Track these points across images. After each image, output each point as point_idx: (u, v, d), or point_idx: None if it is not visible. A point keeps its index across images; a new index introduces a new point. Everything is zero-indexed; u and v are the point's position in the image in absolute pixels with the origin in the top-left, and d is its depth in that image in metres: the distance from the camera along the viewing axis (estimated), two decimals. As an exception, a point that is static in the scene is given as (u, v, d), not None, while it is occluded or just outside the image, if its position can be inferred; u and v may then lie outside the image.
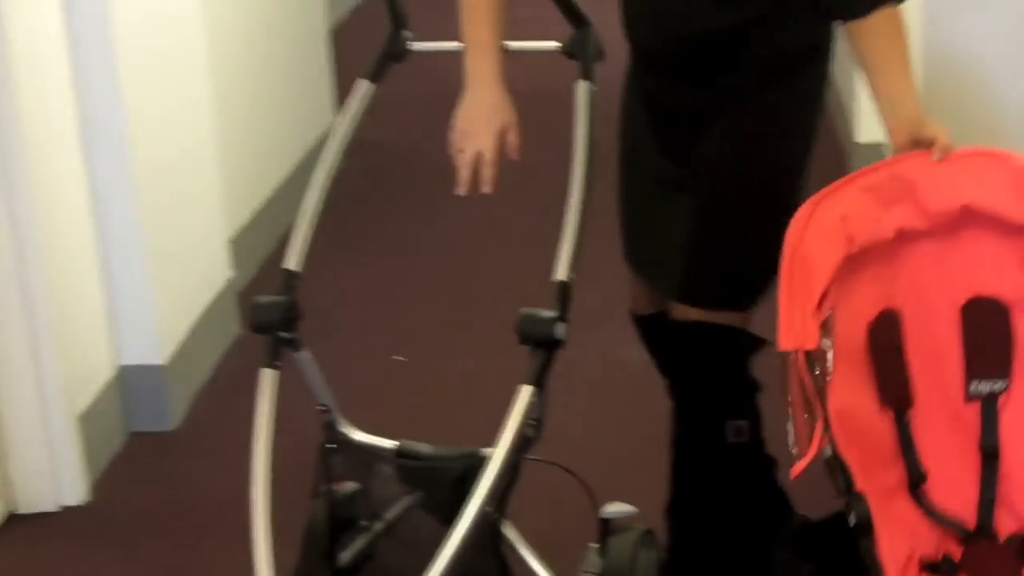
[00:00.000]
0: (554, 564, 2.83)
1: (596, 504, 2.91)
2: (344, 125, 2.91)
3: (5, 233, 3.41)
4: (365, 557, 2.92)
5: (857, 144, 5.15)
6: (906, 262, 2.43)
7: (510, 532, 2.77)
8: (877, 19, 2.54)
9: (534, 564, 2.80)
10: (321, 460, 2.88)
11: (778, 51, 2.68)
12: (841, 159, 5.38)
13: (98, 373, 3.81)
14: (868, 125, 4.98)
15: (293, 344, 2.80)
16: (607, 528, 2.89)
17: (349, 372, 4.03)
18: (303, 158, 5.66)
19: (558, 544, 3.17)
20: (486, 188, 2.71)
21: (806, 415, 2.32)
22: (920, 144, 2.48)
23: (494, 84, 2.73)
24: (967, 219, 2.40)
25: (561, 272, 2.68)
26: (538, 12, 3.14)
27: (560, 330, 2.61)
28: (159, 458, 3.83)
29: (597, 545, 2.91)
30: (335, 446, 2.90)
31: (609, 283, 3.29)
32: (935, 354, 2.41)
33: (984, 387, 2.39)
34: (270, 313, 2.74)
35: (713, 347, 2.79)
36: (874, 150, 4.90)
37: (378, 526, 2.87)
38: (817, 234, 2.39)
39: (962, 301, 2.40)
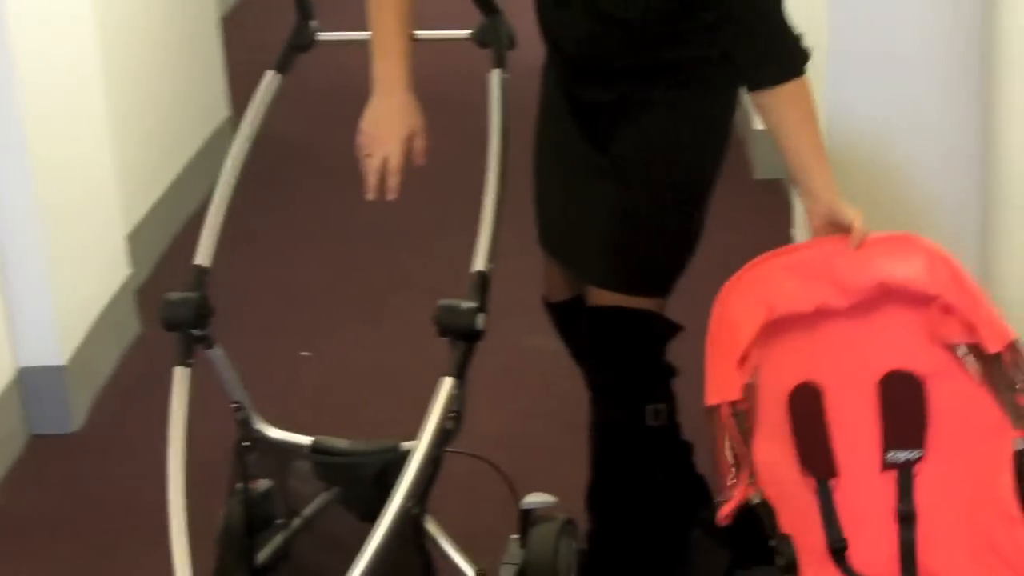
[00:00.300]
0: (474, 556, 2.82)
1: (516, 495, 2.89)
2: (252, 117, 2.86)
3: None
4: (282, 555, 2.89)
5: (754, 131, 5.18)
6: (825, 337, 2.56)
7: (431, 526, 2.75)
8: (784, 91, 2.60)
9: (456, 557, 2.78)
10: (236, 458, 2.84)
11: (690, 58, 2.71)
12: (739, 145, 5.41)
13: (-3, 376, 3.74)
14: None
15: (205, 341, 2.75)
16: (528, 519, 2.87)
17: (255, 369, 3.96)
18: (198, 152, 5.59)
19: (476, 536, 3.16)
20: (391, 196, 2.72)
21: (733, 467, 2.44)
22: (837, 229, 2.59)
23: (401, 90, 2.72)
24: (882, 296, 2.55)
25: (479, 262, 2.67)
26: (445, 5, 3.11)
27: (480, 321, 2.59)
28: (62, 461, 3.76)
29: (518, 536, 2.90)
30: (250, 444, 2.86)
31: (516, 272, 3.27)
32: (854, 426, 2.53)
33: (900, 456, 2.52)
34: (182, 310, 2.69)
35: (632, 331, 2.81)
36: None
37: (296, 523, 2.84)
38: (740, 301, 2.55)
39: (879, 375, 2.52)
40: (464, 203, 5.33)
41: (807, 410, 2.50)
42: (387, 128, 2.70)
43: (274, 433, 2.90)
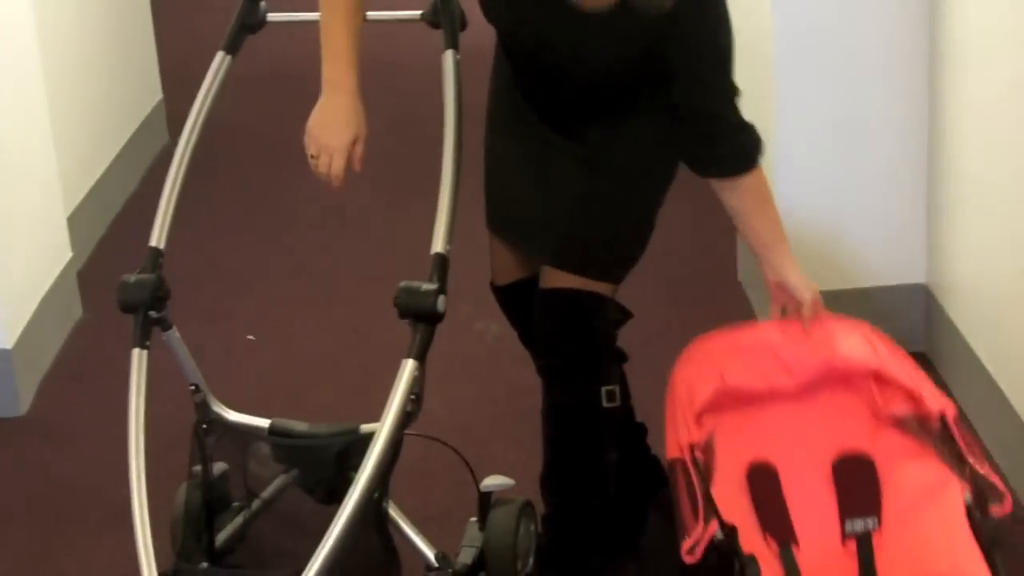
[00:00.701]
0: (432, 539, 2.83)
1: (476, 478, 2.91)
2: (203, 98, 2.86)
3: None
4: (239, 538, 2.89)
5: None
6: (777, 417, 2.66)
7: (392, 510, 2.76)
8: (739, 181, 2.70)
9: (416, 540, 2.79)
10: (195, 440, 2.84)
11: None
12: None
13: (-56, 359, 3.71)
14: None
15: (162, 323, 2.75)
16: (487, 501, 2.89)
17: (201, 353, 3.95)
18: (132, 135, 5.56)
19: (432, 519, 3.18)
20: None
21: (696, 520, 2.50)
22: (796, 307, 2.75)
23: (348, 93, 2.70)
24: (828, 377, 2.67)
25: (438, 244, 2.65)
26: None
27: (441, 303, 2.59)
28: (8, 445, 3.73)
29: (477, 519, 2.91)
30: (208, 426, 2.86)
31: (464, 256, 3.26)
32: (811, 502, 2.61)
33: (859, 525, 2.60)
34: (139, 292, 2.69)
35: (588, 314, 2.83)
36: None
37: (255, 505, 2.84)
38: (695, 366, 2.73)
39: (832, 457, 2.62)
40: (412, 187, 5.39)
41: (764, 487, 2.59)
42: (333, 132, 2.70)
43: (232, 416, 2.91)
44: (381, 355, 4.11)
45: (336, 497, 2.71)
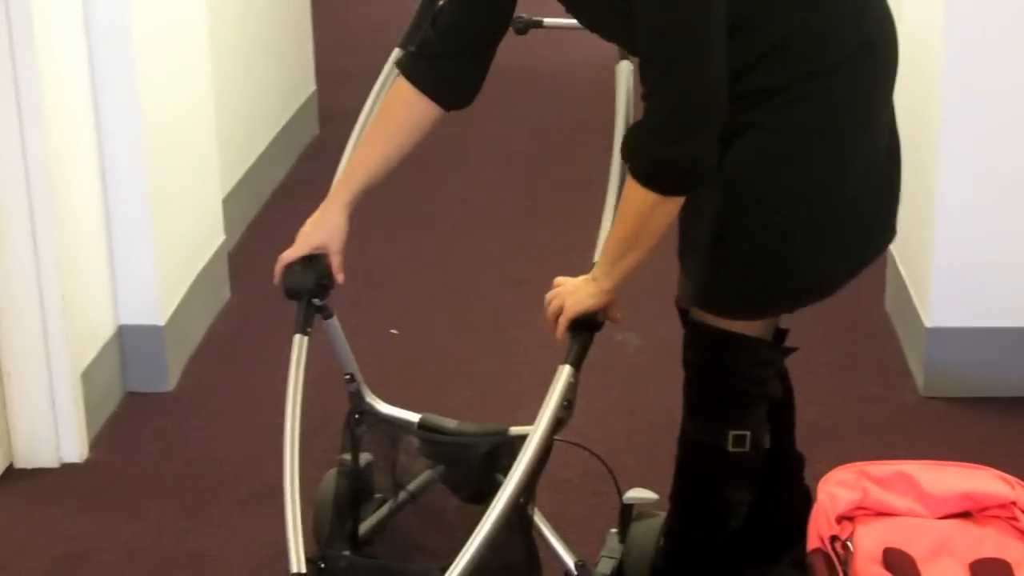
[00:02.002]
0: (567, 546, 2.83)
1: (620, 489, 2.92)
2: (379, 90, 2.90)
3: (19, 190, 3.39)
4: (380, 529, 2.92)
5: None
6: (916, 526, 2.65)
7: (536, 515, 2.77)
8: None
9: (558, 547, 2.79)
10: (347, 429, 2.88)
11: (768, 86, 2.54)
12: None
13: (99, 332, 3.79)
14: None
15: (323, 311, 2.78)
16: (629, 513, 2.90)
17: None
18: (287, 123, 5.65)
19: (569, 527, 3.20)
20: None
21: None
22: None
23: (333, 206, 2.78)
24: (965, 504, 2.67)
25: (600, 252, 2.65)
26: None
27: (603, 312, 2.60)
28: (156, 419, 3.81)
29: (617, 530, 2.93)
30: (360, 416, 2.89)
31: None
32: None
33: None
34: (304, 279, 2.73)
35: (724, 354, 2.70)
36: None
37: (401, 497, 2.87)
38: (837, 484, 2.70)
39: (969, 560, 2.59)
40: (555, 193, 5.42)
41: (902, 568, 2.57)
42: (302, 235, 2.76)
43: (384, 407, 2.93)
44: (520, 358, 4.15)
45: (480, 497, 2.74)
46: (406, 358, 4.17)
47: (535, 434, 2.50)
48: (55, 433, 3.55)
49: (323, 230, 2.75)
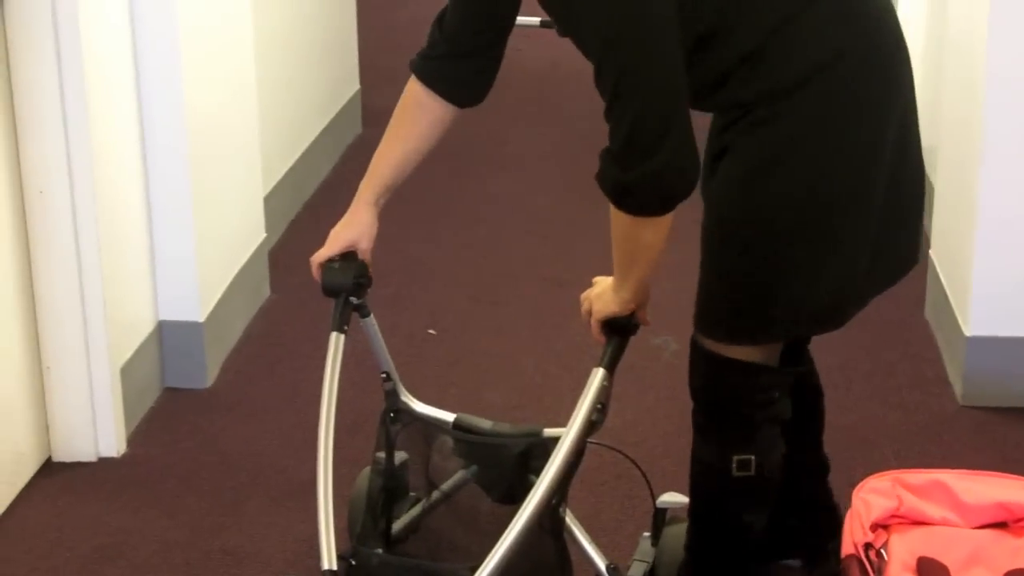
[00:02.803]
0: (598, 549, 2.84)
1: (653, 493, 2.92)
2: None
3: (62, 186, 3.41)
4: (413, 528, 2.93)
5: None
6: (950, 536, 2.65)
7: (568, 516, 2.77)
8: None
9: (590, 549, 2.80)
10: (382, 428, 2.89)
11: (737, 101, 2.49)
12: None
13: (139, 327, 3.81)
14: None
15: (361, 310, 2.80)
16: (662, 518, 2.90)
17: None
18: (330, 123, 5.67)
19: (601, 529, 3.21)
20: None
21: None
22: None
23: (361, 204, 2.81)
24: (1000, 515, 2.67)
25: None
26: None
27: (637, 315, 2.61)
28: (194, 415, 3.83)
29: (650, 534, 2.93)
30: (395, 415, 2.90)
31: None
32: None
33: None
34: (342, 277, 2.75)
35: (722, 378, 2.66)
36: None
37: (435, 496, 2.87)
38: (873, 491, 2.70)
39: (1003, 571, 2.57)
40: (598, 194, 5.40)
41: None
42: (333, 234, 2.80)
43: (418, 406, 2.95)
44: (557, 359, 4.15)
45: (513, 498, 2.75)
46: (443, 358, 4.18)
47: (567, 436, 2.51)
48: (93, 427, 3.57)
49: (352, 229, 2.79)
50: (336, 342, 2.71)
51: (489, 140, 6.08)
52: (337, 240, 2.78)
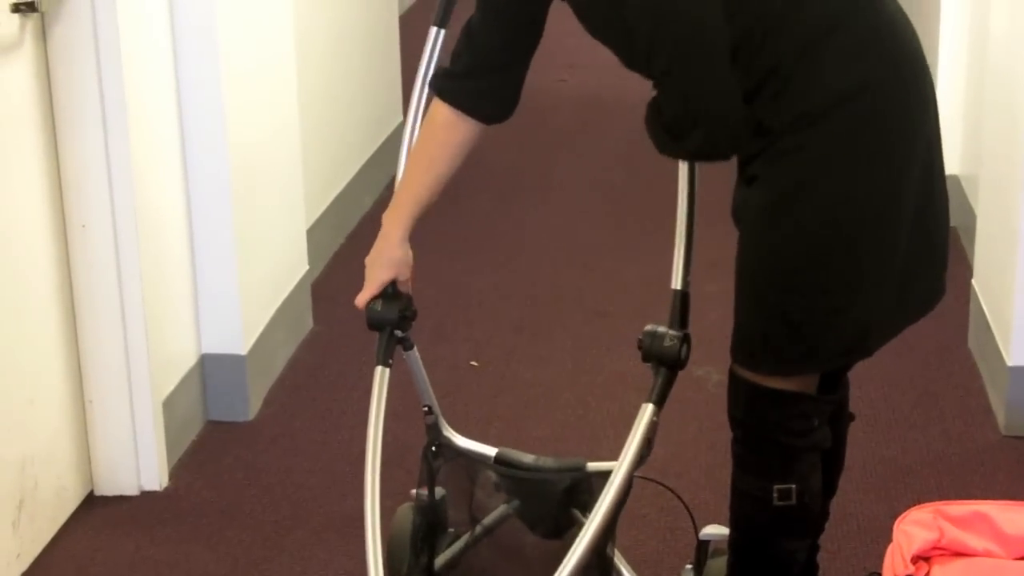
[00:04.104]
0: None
1: (696, 525, 2.91)
2: (424, 71, 2.85)
3: (104, 218, 3.44)
4: (454, 563, 2.93)
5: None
6: (993, 567, 2.64)
7: (615, 553, 2.76)
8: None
9: None
10: (424, 461, 2.88)
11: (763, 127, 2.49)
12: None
13: (182, 360, 3.83)
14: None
15: (405, 343, 2.80)
16: (705, 550, 2.89)
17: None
18: (373, 155, 5.69)
19: (643, 562, 3.20)
20: None
21: None
22: None
23: (392, 245, 2.77)
24: None
25: (677, 280, 2.64)
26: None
27: (686, 351, 2.59)
28: (236, 448, 3.84)
29: (692, 566, 2.92)
30: (437, 449, 2.90)
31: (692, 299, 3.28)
32: None
33: None
34: (389, 311, 2.74)
35: (762, 410, 2.65)
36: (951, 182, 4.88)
37: (477, 532, 2.87)
38: (914, 523, 2.70)
39: None
40: (641, 224, 5.42)
41: None
42: (371, 271, 2.79)
43: (461, 441, 2.94)
44: (599, 391, 4.15)
45: (557, 533, 2.75)
46: (485, 389, 4.18)
47: (617, 474, 2.50)
48: (136, 461, 3.59)
49: (390, 269, 2.77)
50: (381, 376, 2.70)
51: (533, 170, 6.09)
52: (378, 281, 2.76)
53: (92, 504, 3.58)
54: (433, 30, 2.84)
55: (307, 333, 4.49)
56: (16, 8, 3.19)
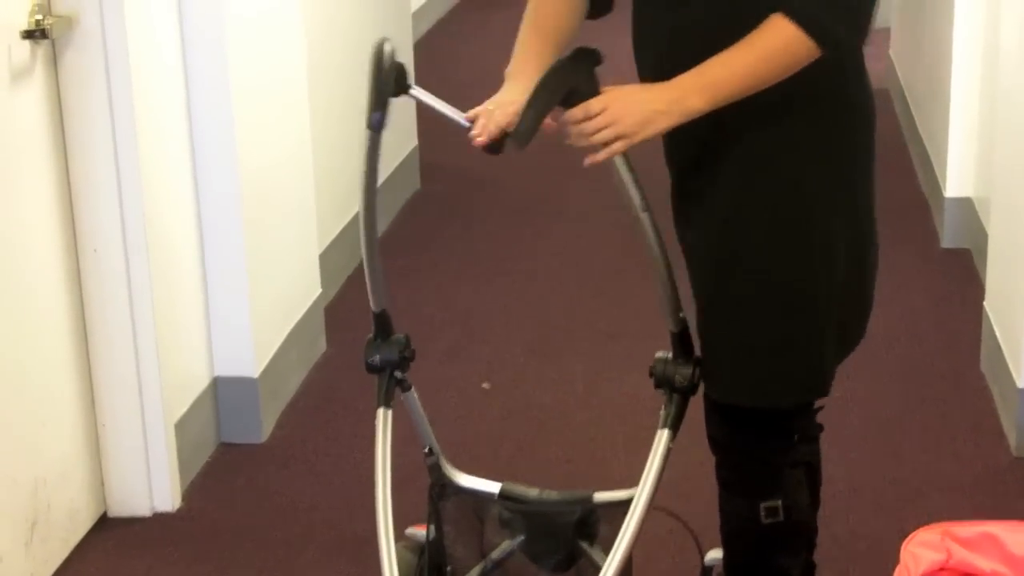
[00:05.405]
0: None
1: (701, 549, 2.91)
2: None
3: (116, 242, 3.46)
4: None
5: (946, 199, 5.11)
6: None
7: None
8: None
9: None
10: (430, 503, 2.87)
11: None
12: (925, 212, 5.39)
13: (194, 383, 3.85)
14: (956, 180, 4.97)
15: (403, 384, 2.80)
16: (710, 574, 2.89)
17: (436, 396, 4.06)
18: (387, 178, 5.69)
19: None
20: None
21: None
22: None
23: (518, 93, 2.59)
24: None
25: (670, 324, 2.66)
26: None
27: (698, 375, 2.60)
28: (249, 470, 3.86)
29: (697, 591, 2.92)
30: (440, 489, 2.88)
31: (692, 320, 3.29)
32: None
33: None
34: (390, 353, 2.75)
35: (747, 437, 2.68)
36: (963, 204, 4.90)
37: (484, 568, 2.82)
38: (921, 544, 2.68)
39: None
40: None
41: None
42: (498, 107, 2.62)
43: (464, 479, 2.89)
44: (610, 413, 4.15)
45: (562, 566, 2.74)
46: (497, 411, 4.19)
47: (637, 504, 2.53)
48: (148, 483, 3.61)
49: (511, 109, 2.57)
50: (384, 418, 2.71)
51: (546, 194, 6.10)
52: (508, 112, 2.57)
53: (105, 526, 3.60)
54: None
55: (320, 356, 4.51)
56: (28, 35, 3.22)
